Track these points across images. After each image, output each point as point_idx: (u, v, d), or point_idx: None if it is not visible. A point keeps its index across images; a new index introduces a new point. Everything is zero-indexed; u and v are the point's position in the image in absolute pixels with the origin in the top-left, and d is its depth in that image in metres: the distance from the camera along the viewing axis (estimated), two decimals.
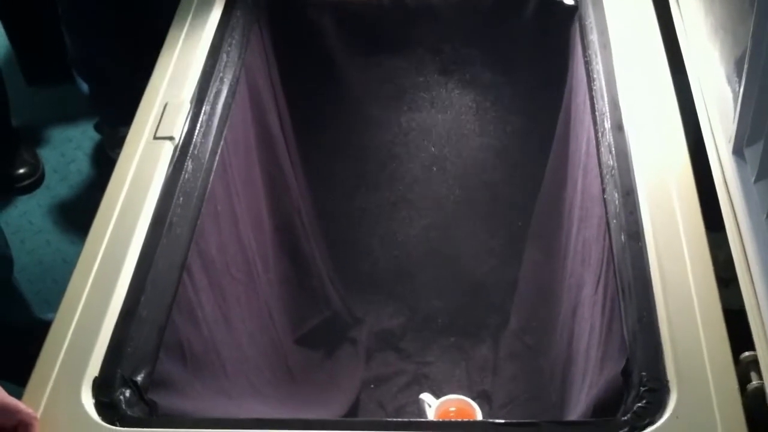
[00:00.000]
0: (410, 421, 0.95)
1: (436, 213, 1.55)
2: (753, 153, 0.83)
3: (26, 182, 2.04)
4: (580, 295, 1.17)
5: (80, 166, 2.09)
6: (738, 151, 0.88)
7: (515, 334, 1.47)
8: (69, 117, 2.19)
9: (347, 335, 1.51)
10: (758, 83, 0.80)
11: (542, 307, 1.40)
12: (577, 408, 1.06)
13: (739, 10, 0.88)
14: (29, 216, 1.99)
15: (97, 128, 2.12)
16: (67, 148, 2.13)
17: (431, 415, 1.30)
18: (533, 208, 1.49)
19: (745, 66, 0.82)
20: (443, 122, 1.51)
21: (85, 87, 1.99)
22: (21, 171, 2.03)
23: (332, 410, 1.34)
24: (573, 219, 1.26)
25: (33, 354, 0.89)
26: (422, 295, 1.56)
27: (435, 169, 1.53)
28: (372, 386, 1.45)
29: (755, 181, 0.83)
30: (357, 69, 1.47)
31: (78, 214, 1.97)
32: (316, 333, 1.46)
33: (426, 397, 1.35)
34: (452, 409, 1.32)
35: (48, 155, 2.11)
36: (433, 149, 1.53)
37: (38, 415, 0.82)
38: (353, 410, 1.38)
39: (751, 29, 0.80)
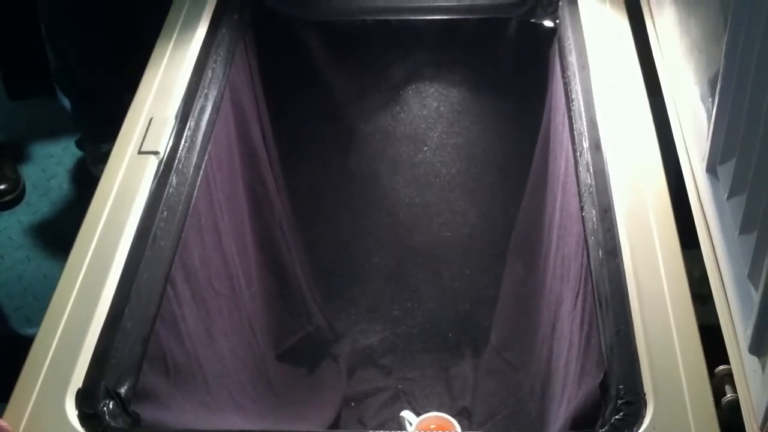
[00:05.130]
0: None
1: (417, 230, 1.56)
2: (726, 171, 0.85)
3: (6, 198, 2.03)
4: (559, 311, 1.18)
5: (61, 182, 2.08)
6: (711, 169, 0.89)
7: (495, 351, 1.48)
8: (50, 133, 2.19)
9: (328, 351, 1.51)
10: (730, 102, 0.82)
11: (522, 324, 1.41)
12: (557, 422, 1.07)
13: (713, 31, 0.91)
14: (9, 232, 1.98)
15: (78, 144, 2.12)
16: (48, 164, 2.13)
17: None
18: (514, 225, 1.50)
19: (718, 85, 0.85)
20: (426, 141, 1.53)
21: (67, 103, 1.99)
22: (1, 187, 2.03)
23: (313, 426, 1.35)
24: (552, 236, 1.27)
25: (13, 370, 0.89)
26: (403, 311, 1.56)
27: (416, 186, 1.54)
28: (353, 403, 1.45)
29: (728, 198, 0.84)
30: (341, 87, 1.49)
31: (58, 230, 1.97)
32: (297, 349, 1.47)
33: (406, 414, 1.35)
34: (432, 426, 1.32)
35: (29, 171, 2.11)
36: (414, 167, 1.54)
37: (21, 426, 0.82)
38: (334, 427, 1.38)
39: (724, 49, 0.83)
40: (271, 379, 1.37)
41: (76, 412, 0.84)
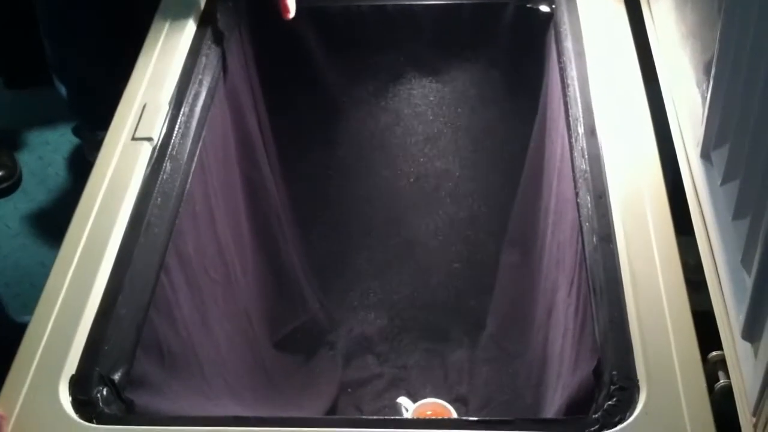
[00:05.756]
0: (387, 419, 0.96)
1: (413, 218, 1.56)
2: (719, 156, 0.85)
3: (3, 185, 2.03)
4: (555, 298, 1.18)
5: (58, 170, 2.08)
6: (705, 155, 0.89)
7: (492, 338, 1.48)
8: (47, 120, 2.18)
9: (325, 339, 1.52)
10: (724, 88, 0.82)
11: (518, 311, 1.41)
12: (551, 408, 1.07)
13: (708, 17, 0.90)
14: (6, 219, 1.98)
15: (75, 132, 2.12)
16: (44, 152, 2.12)
17: None
18: (510, 212, 1.50)
19: (712, 71, 0.84)
20: (422, 128, 1.52)
21: (64, 90, 1.99)
22: None
23: (309, 414, 1.35)
24: (548, 222, 1.27)
25: (10, 357, 0.89)
26: (400, 299, 1.57)
27: (414, 175, 1.54)
28: (349, 390, 1.45)
29: (721, 184, 0.84)
30: (337, 74, 1.48)
31: (55, 217, 1.97)
32: (294, 337, 1.47)
33: (403, 401, 1.36)
34: (429, 412, 1.33)
35: (26, 158, 2.11)
36: (411, 155, 1.54)
37: (15, 413, 0.82)
38: (331, 414, 1.38)
39: (718, 35, 0.82)
40: (268, 366, 1.37)
41: (70, 398, 0.84)
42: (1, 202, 2.02)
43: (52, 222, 1.96)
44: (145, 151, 1.07)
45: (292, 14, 1.23)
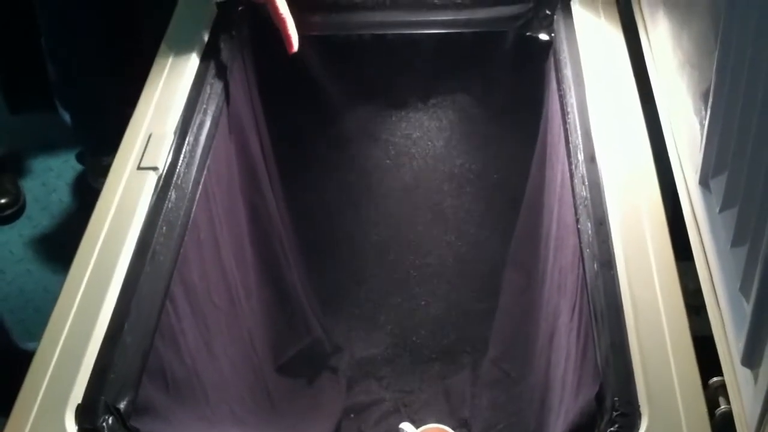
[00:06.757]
0: None
1: (416, 242, 1.57)
2: (718, 184, 0.86)
3: (7, 212, 2.04)
4: (557, 323, 1.19)
5: (61, 196, 2.09)
6: (704, 182, 0.90)
7: (494, 362, 1.49)
8: (51, 146, 2.20)
9: (328, 364, 1.52)
10: (721, 117, 0.83)
11: (520, 335, 1.42)
12: None
13: (705, 46, 0.92)
14: (10, 246, 1.99)
15: (78, 158, 2.13)
16: (48, 178, 2.14)
17: None
18: (511, 238, 1.51)
19: (710, 100, 0.86)
20: (423, 154, 1.54)
21: (67, 117, 2.00)
22: (2, 201, 2.04)
23: None
24: (550, 248, 1.28)
25: (15, 383, 0.90)
26: (402, 324, 1.57)
27: (415, 199, 1.55)
28: (352, 415, 1.45)
29: (720, 212, 0.85)
30: (338, 102, 1.50)
31: (59, 243, 1.98)
32: (297, 361, 1.47)
33: (406, 426, 1.36)
34: None
35: (29, 185, 2.12)
36: (412, 180, 1.55)
37: None
38: None
39: (715, 64, 0.84)
40: (271, 391, 1.37)
41: (76, 427, 0.84)
42: (5, 228, 2.03)
43: (56, 248, 1.97)
44: (151, 180, 1.08)
45: (295, 48, 1.24)
